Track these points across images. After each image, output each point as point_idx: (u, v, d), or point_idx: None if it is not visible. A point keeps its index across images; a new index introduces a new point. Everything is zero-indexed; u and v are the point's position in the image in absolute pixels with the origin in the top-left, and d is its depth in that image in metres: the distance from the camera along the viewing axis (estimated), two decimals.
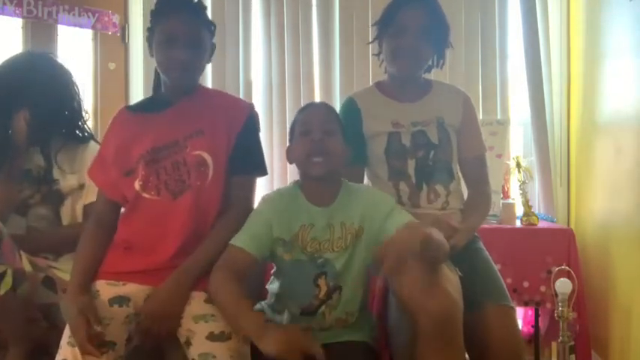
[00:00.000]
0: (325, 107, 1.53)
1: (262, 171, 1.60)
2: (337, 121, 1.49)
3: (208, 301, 1.36)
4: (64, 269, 1.61)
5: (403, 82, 1.73)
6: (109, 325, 1.32)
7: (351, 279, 1.47)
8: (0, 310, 1.45)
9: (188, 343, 1.32)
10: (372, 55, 1.83)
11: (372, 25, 1.78)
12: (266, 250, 1.45)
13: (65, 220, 1.73)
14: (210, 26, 1.53)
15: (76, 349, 1.26)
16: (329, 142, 1.43)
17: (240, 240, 1.42)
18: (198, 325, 1.33)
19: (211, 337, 1.30)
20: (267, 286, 1.61)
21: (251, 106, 1.59)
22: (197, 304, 1.37)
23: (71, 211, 1.74)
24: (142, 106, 1.62)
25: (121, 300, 1.37)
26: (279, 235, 1.44)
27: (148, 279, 1.41)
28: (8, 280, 1.40)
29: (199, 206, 1.45)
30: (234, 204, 1.49)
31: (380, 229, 1.45)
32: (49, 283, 1.58)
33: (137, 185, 1.46)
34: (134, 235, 1.46)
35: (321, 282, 1.46)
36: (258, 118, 1.61)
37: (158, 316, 1.33)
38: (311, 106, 1.55)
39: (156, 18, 1.48)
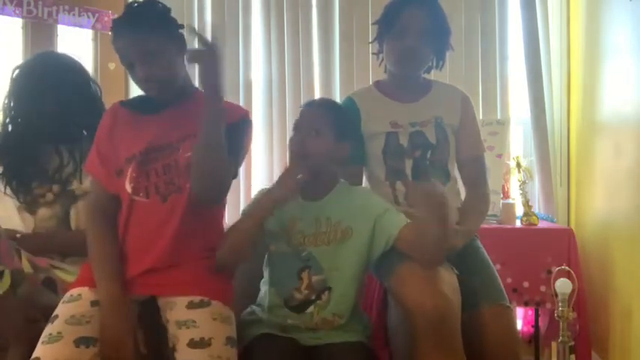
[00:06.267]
0: (318, 106, 1.56)
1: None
2: (329, 119, 1.49)
3: (190, 306, 1.36)
4: (68, 270, 1.61)
5: (403, 82, 1.73)
6: (89, 323, 1.31)
7: (341, 279, 1.48)
8: None
9: (174, 349, 1.32)
10: (372, 54, 1.83)
11: (372, 24, 1.77)
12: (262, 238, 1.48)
13: (73, 221, 1.71)
14: (167, 32, 1.44)
15: (49, 346, 1.25)
16: (313, 142, 1.45)
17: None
18: (181, 331, 1.32)
19: (192, 343, 1.28)
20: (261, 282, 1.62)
21: (246, 113, 1.56)
22: (179, 309, 1.36)
23: (82, 213, 1.71)
24: (136, 105, 1.56)
25: None
26: (269, 226, 1.48)
27: (132, 287, 1.40)
28: (6, 280, 1.39)
29: (187, 208, 1.42)
30: None
31: (371, 230, 1.46)
32: (50, 284, 1.57)
33: (129, 188, 1.44)
34: (124, 240, 1.45)
35: (304, 275, 1.48)
36: (249, 126, 1.54)
37: (110, 344, 1.31)
38: (307, 104, 1.58)
39: (115, 46, 1.45)
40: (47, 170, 1.70)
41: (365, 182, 1.77)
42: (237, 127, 1.48)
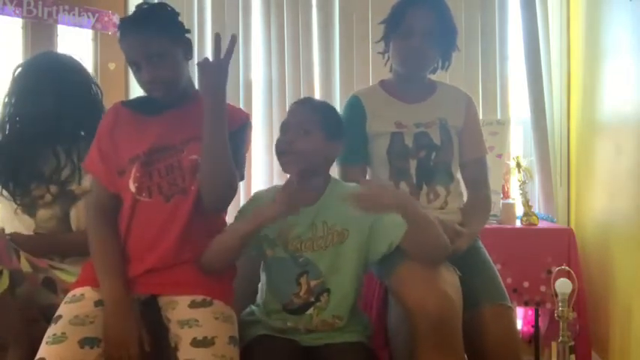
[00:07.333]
0: (306, 105, 1.53)
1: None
2: (318, 119, 1.47)
3: (192, 305, 1.36)
4: (68, 270, 1.61)
5: (408, 82, 1.73)
6: (93, 323, 1.32)
7: (340, 282, 1.48)
8: None
9: (176, 348, 1.32)
10: (378, 53, 1.82)
11: (379, 24, 1.76)
12: (254, 243, 1.47)
13: (74, 221, 1.71)
14: (175, 35, 1.45)
15: (54, 347, 1.25)
16: (300, 142, 1.44)
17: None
18: (183, 330, 1.32)
19: (195, 342, 1.29)
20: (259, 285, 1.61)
21: (248, 117, 1.57)
22: (181, 309, 1.36)
23: (82, 213, 1.70)
24: (138, 106, 1.55)
25: None
26: (265, 232, 1.46)
27: (133, 286, 1.40)
28: (4, 280, 1.39)
29: (192, 210, 1.43)
30: None
31: (367, 230, 1.46)
32: (49, 284, 1.57)
33: (133, 187, 1.43)
34: (126, 239, 1.45)
35: (303, 281, 1.47)
36: (250, 131, 1.56)
37: (114, 344, 1.31)
38: (295, 104, 1.55)
39: (121, 45, 1.44)
40: (44, 171, 1.69)
41: None
42: (240, 132, 1.49)
